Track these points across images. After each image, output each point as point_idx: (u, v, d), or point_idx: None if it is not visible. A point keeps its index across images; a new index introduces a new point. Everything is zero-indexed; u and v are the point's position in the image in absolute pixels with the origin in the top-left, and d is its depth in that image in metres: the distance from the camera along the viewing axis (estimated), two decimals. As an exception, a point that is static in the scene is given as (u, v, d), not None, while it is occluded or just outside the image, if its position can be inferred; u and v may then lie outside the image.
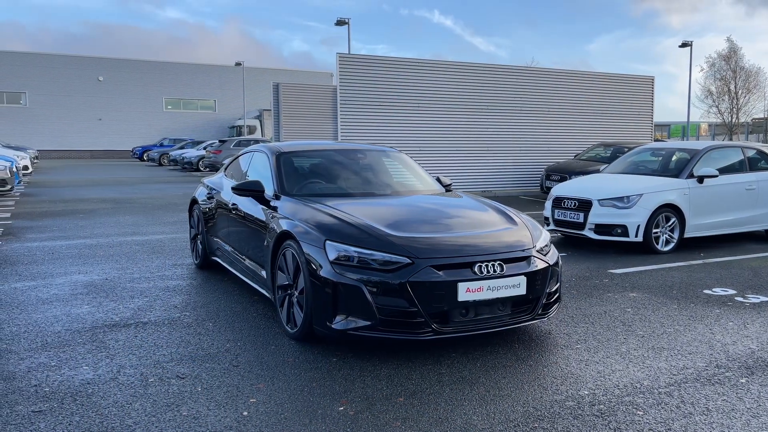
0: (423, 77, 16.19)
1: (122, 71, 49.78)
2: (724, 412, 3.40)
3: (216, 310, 5.29)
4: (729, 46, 46.57)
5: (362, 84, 15.47)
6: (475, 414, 3.34)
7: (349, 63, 15.47)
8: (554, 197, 8.83)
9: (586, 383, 3.76)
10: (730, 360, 4.20)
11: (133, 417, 3.25)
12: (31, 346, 4.33)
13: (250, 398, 3.50)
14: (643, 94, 19.32)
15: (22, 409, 3.33)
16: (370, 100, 15.54)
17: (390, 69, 15.85)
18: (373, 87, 15.59)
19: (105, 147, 48.79)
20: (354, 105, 15.36)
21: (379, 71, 15.70)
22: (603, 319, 5.11)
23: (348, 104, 15.31)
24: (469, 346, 4.38)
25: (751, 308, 5.50)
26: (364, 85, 15.49)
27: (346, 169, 5.86)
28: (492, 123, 17.07)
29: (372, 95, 15.56)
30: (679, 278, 6.67)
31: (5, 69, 46.37)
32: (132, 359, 4.09)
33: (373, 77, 15.60)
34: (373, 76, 15.61)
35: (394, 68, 15.90)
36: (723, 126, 46.84)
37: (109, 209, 12.89)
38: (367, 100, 15.51)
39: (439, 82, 16.35)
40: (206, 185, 7.02)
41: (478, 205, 5.29)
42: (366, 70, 15.58)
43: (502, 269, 4.14)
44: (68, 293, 5.82)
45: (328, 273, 4.07)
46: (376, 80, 15.63)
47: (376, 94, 15.60)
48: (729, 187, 8.71)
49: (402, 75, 15.94)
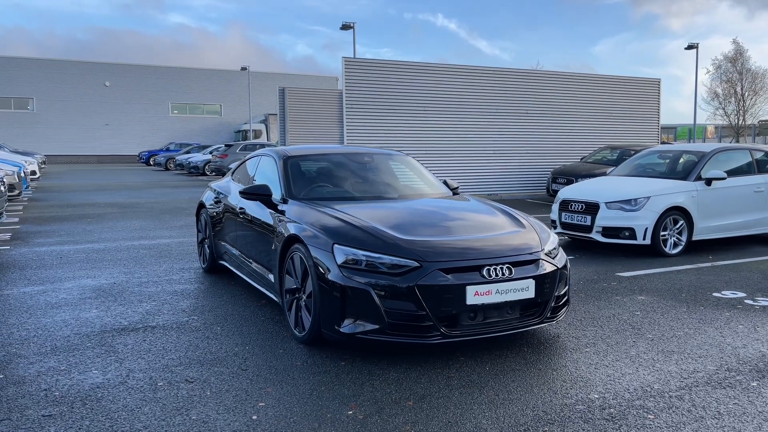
0: (428, 80, 16.20)
1: (128, 76, 50.00)
2: (736, 415, 3.37)
3: (224, 314, 5.30)
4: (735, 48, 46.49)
5: (368, 88, 15.50)
6: (484, 418, 3.32)
7: (354, 67, 15.50)
8: (561, 200, 8.81)
9: (596, 387, 3.74)
10: (741, 363, 4.17)
11: (142, 421, 3.26)
12: (40, 351, 4.34)
13: (258, 402, 3.50)
14: (650, 97, 19.27)
15: (32, 414, 3.34)
16: (375, 104, 15.56)
17: (395, 73, 15.87)
18: (379, 91, 15.61)
19: (112, 152, 48.99)
20: (360, 109, 15.37)
21: (384, 75, 15.72)
22: (612, 322, 5.09)
23: (354, 108, 15.33)
24: (478, 349, 4.37)
25: (761, 311, 5.46)
26: (369, 88, 15.51)
27: (353, 173, 5.86)
28: (498, 126, 17.06)
29: (378, 99, 15.58)
30: (687, 281, 6.64)
31: (13, 75, 46.67)
32: (141, 363, 4.10)
33: (378, 81, 15.62)
34: (378, 80, 15.63)
35: (399, 72, 15.92)
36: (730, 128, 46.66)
37: (117, 214, 12.93)
38: (372, 104, 15.53)
39: (444, 86, 16.36)
40: (213, 189, 7.04)
41: (486, 208, 5.28)
42: (371, 74, 15.60)
43: (510, 272, 4.13)
44: (77, 297, 5.84)
45: (336, 276, 4.07)
46: (381, 84, 15.65)
47: (381, 97, 15.62)
48: (737, 189, 8.67)
49: (407, 78, 15.96)
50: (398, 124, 15.81)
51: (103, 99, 49.24)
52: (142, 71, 50.72)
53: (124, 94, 49.73)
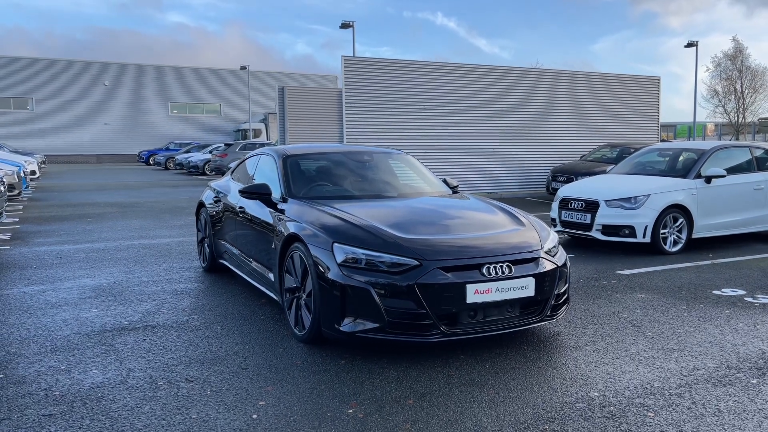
0: (428, 79, 16.19)
1: (128, 76, 49.97)
2: (736, 413, 3.37)
3: (224, 313, 5.30)
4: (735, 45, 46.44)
5: (367, 86, 15.49)
6: (484, 416, 3.32)
7: (354, 66, 15.49)
8: (561, 198, 8.81)
9: (596, 385, 3.74)
10: (741, 361, 4.17)
11: (142, 420, 3.26)
12: (40, 350, 4.34)
13: (259, 401, 3.50)
14: (650, 95, 19.26)
15: (32, 413, 3.34)
16: (375, 103, 15.55)
17: (395, 71, 15.86)
18: (378, 89, 15.60)
19: (111, 151, 48.97)
20: (359, 107, 15.37)
21: (384, 74, 15.71)
22: (612, 320, 5.09)
23: (353, 107, 15.32)
24: (478, 348, 4.37)
25: (761, 309, 5.46)
26: (369, 87, 15.51)
27: (352, 172, 5.86)
28: (498, 124, 17.05)
29: (377, 98, 15.58)
30: (687, 279, 6.64)
31: (12, 75, 46.64)
32: (141, 362, 4.10)
33: (378, 80, 15.62)
34: (378, 79, 15.62)
35: (398, 71, 15.91)
36: (729, 126, 46.62)
37: (117, 213, 12.93)
38: (372, 103, 15.52)
39: (444, 84, 16.35)
40: (213, 188, 7.04)
41: (486, 206, 5.28)
42: (371, 72, 15.59)
43: (510, 271, 4.13)
44: (77, 297, 5.84)
45: (336, 275, 4.07)
46: (381, 83, 15.64)
47: (381, 96, 15.61)
48: (737, 187, 8.67)
49: (407, 77, 15.95)
50: (398, 122, 15.80)
51: (102, 98, 49.22)
52: (141, 71, 50.68)
53: (124, 93, 49.70)
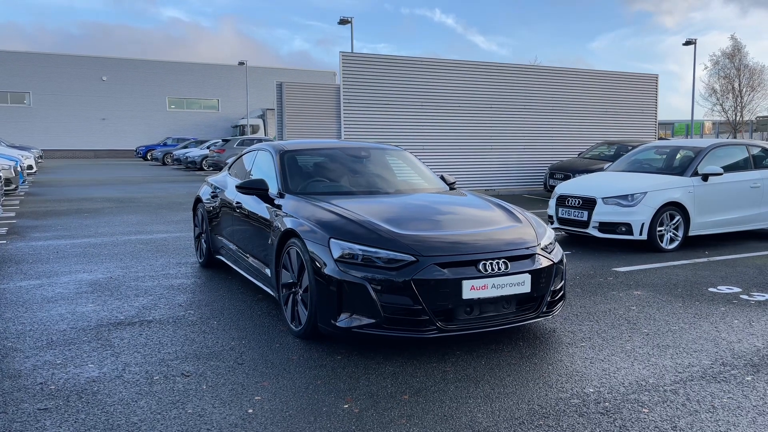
0: (426, 76, 16.17)
1: (125, 71, 49.85)
2: (730, 409, 3.39)
3: (220, 308, 5.30)
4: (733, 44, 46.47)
5: (365, 83, 15.47)
6: (480, 412, 3.33)
7: (352, 62, 15.47)
8: (558, 195, 8.82)
9: (591, 381, 3.75)
10: (736, 358, 4.19)
11: (138, 414, 3.26)
12: (36, 345, 4.34)
13: (255, 396, 3.51)
14: (647, 93, 19.28)
15: (28, 407, 3.34)
16: (373, 99, 15.54)
17: (393, 68, 15.84)
18: (376, 86, 15.59)
19: (108, 146, 48.88)
20: (357, 104, 15.36)
21: (382, 70, 15.69)
22: (608, 317, 5.10)
23: (351, 103, 15.31)
24: (474, 344, 4.38)
25: (757, 306, 5.48)
26: (367, 83, 15.49)
27: (349, 168, 5.86)
28: (495, 121, 17.05)
29: (375, 94, 15.56)
30: (683, 276, 6.65)
31: (9, 69, 46.50)
32: (137, 357, 4.10)
33: (376, 76, 15.60)
34: (376, 75, 15.61)
35: (396, 67, 15.89)
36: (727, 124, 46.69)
37: (114, 208, 12.91)
38: (370, 99, 15.51)
39: (442, 81, 16.34)
40: (210, 184, 7.03)
41: (483, 203, 5.29)
42: (369, 68, 15.57)
43: (506, 267, 4.13)
44: (73, 292, 5.84)
45: (332, 271, 4.07)
46: (379, 79, 15.63)
47: (379, 92, 15.60)
48: (734, 185, 8.69)
49: (405, 73, 15.93)
50: (395, 119, 15.79)
51: (100, 94, 49.10)
52: (139, 66, 50.55)
53: (121, 88, 49.58)
